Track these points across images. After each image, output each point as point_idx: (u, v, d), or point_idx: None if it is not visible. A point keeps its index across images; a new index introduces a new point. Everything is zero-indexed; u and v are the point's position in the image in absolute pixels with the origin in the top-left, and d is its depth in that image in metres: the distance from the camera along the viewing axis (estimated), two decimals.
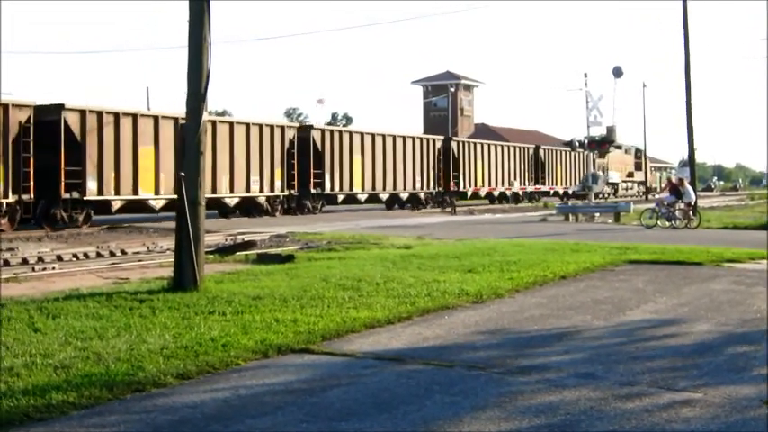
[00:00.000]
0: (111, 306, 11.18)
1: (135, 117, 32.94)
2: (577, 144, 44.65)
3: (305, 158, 41.63)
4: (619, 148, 66.63)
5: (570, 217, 38.32)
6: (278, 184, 39.77)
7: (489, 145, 59.30)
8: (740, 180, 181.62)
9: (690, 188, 32.13)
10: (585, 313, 11.29)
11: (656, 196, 43.40)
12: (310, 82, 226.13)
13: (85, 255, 20.03)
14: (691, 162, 40.13)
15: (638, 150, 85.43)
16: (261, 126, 39.01)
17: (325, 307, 11.16)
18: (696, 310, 11.65)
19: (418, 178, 50.28)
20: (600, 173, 64.95)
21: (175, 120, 33.37)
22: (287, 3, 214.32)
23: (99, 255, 20.28)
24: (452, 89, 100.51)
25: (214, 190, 35.50)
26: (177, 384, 7.51)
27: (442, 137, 55.10)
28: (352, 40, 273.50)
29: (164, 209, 33.65)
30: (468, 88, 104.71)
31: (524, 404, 6.94)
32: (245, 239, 23.39)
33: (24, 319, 10.17)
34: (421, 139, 51.75)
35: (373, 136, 46.92)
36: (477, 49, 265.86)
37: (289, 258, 17.89)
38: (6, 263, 17.84)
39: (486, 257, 17.30)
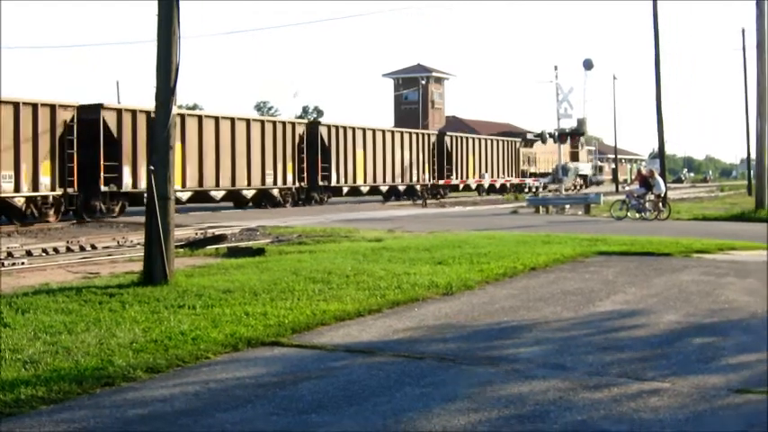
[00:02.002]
0: (81, 301, 11.12)
1: None
2: (548, 136, 44.96)
3: (92, 148, 31.58)
4: (551, 136, 54.69)
5: (541, 209, 38.67)
6: (45, 180, 29.83)
7: (374, 131, 48.95)
8: (710, 172, 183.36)
9: (660, 179, 32.33)
10: (555, 305, 11.36)
11: (626, 188, 43.63)
12: (281, 75, 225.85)
13: (55, 249, 19.88)
14: (661, 154, 40.33)
15: None
16: (16, 104, 28.81)
17: (296, 300, 11.15)
18: (665, 300, 11.75)
19: (270, 171, 40.59)
20: (570, 165, 65.15)
21: None
22: None
23: (69, 249, 20.13)
24: (423, 82, 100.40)
25: None
26: (147, 378, 7.49)
27: (305, 121, 45.43)
28: (323, 34, 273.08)
29: None
30: (440, 81, 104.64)
31: (494, 395, 6.98)
32: (216, 233, 23.33)
33: None
34: (274, 123, 41.84)
35: (200, 118, 37.25)
36: (448, 41, 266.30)
37: (259, 252, 17.86)
38: None
39: (456, 250, 17.35)
